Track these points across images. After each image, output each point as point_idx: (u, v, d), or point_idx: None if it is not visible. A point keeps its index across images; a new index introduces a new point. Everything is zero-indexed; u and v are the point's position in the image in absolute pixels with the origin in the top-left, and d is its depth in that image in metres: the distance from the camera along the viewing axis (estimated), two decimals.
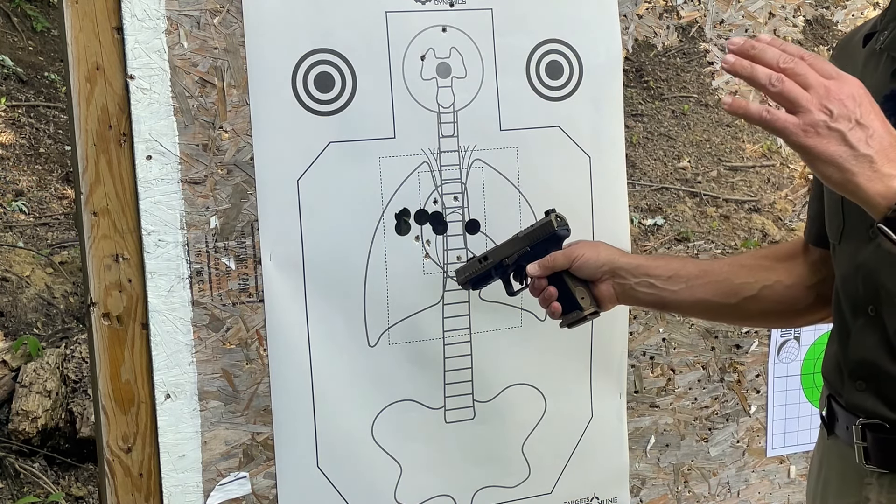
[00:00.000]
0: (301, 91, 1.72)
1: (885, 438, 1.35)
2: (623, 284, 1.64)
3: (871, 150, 1.11)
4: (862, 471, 1.39)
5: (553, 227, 1.67)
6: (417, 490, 1.88)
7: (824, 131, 1.12)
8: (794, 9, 2.16)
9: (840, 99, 1.12)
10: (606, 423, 2.01)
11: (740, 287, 1.60)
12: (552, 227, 1.67)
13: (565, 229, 1.68)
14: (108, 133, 1.62)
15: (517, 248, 1.70)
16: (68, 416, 3.44)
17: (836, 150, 1.12)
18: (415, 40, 1.79)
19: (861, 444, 1.38)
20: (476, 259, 1.75)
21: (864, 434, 1.38)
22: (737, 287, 1.60)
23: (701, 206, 4.74)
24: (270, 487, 1.79)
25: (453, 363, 1.87)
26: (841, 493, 1.46)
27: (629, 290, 1.64)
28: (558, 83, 1.91)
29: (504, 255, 1.72)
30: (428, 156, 1.82)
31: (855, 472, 1.40)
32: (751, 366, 2.18)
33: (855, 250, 1.38)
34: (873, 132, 1.12)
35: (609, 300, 1.67)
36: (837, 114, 1.11)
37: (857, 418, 1.39)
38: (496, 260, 1.72)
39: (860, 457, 1.38)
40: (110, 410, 1.68)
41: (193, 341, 1.70)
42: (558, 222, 1.67)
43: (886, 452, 1.35)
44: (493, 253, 1.73)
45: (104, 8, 1.60)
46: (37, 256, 4.20)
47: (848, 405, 1.42)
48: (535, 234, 1.69)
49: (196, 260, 1.69)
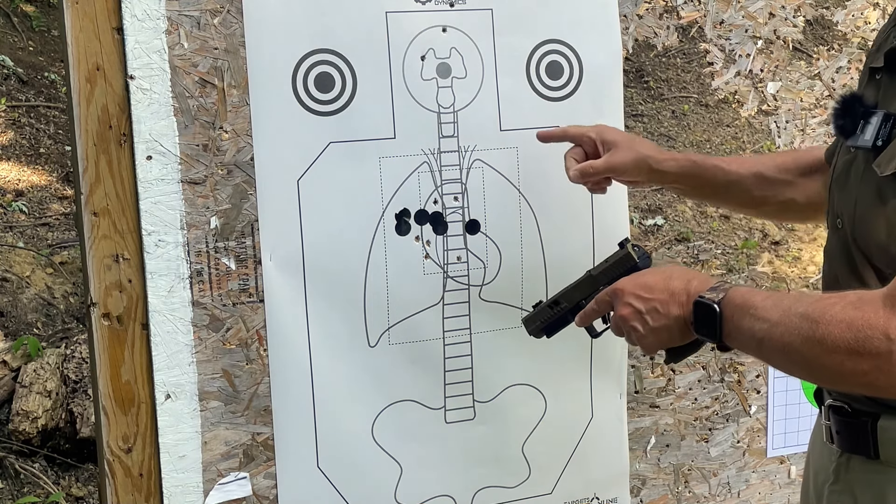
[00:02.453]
0: (301, 91, 1.72)
1: (845, 421, 1.41)
2: (648, 157, 1.73)
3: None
4: (831, 449, 1.46)
5: (633, 261, 1.56)
6: (418, 490, 1.88)
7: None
8: (794, 9, 2.16)
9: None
10: (607, 423, 2.01)
11: (760, 199, 1.75)
12: (632, 261, 1.56)
13: (647, 258, 1.57)
14: (109, 133, 1.62)
15: (594, 287, 1.59)
16: (68, 416, 3.44)
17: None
18: (415, 40, 1.79)
19: (827, 424, 1.45)
20: (545, 305, 1.68)
21: (830, 414, 1.44)
22: (757, 199, 1.76)
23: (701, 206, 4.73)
24: (270, 488, 1.79)
25: (453, 363, 1.87)
26: (817, 470, 1.53)
27: (654, 162, 1.73)
28: (558, 83, 1.91)
29: (580, 297, 1.62)
30: (428, 156, 1.82)
31: (827, 449, 1.48)
32: (751, 366, 2.18)
33: (828, 236, 1.47)
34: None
35: (637, 166, 1.72)
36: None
37: (829, 398, 1.46)
38: (571, 303, 1.64)
39: (826, 436, 1.46)
40: (110, 410, 1.68)
41: (193, 341, 1.70)
42: (637, 252, 1.57)
43: (844, 435, 1.42)
44: (565, 296, 1.65)
45: (104, 8, 1.60)
46: (37, 256, 4.20)
47: None
48: (613, 270, 1.58)
49: (196, 260, 1.69)
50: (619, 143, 1.72)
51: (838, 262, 1.41)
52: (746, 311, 1.28)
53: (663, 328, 1.40)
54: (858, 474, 1.41)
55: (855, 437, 1.40)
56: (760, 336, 1.26)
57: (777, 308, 1.25)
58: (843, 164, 1.42)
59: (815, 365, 1.22)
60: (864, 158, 1.34)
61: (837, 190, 1.43)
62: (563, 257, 1.92)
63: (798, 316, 1.21)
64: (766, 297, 1.28)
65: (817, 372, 1.24)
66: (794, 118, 2.25)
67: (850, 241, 1.37)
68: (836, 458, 1.45)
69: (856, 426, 1.40)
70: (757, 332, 1.26)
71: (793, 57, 2.21)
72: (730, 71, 2.15)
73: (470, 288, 1.87)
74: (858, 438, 1.39)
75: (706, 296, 1.33)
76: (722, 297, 1.31)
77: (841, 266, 1.41)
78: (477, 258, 1.87)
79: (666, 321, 1.39)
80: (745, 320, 1.28)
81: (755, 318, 1.27)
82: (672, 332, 1.39)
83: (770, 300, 1.27)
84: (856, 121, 1.35)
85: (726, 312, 1.30)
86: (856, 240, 1.36)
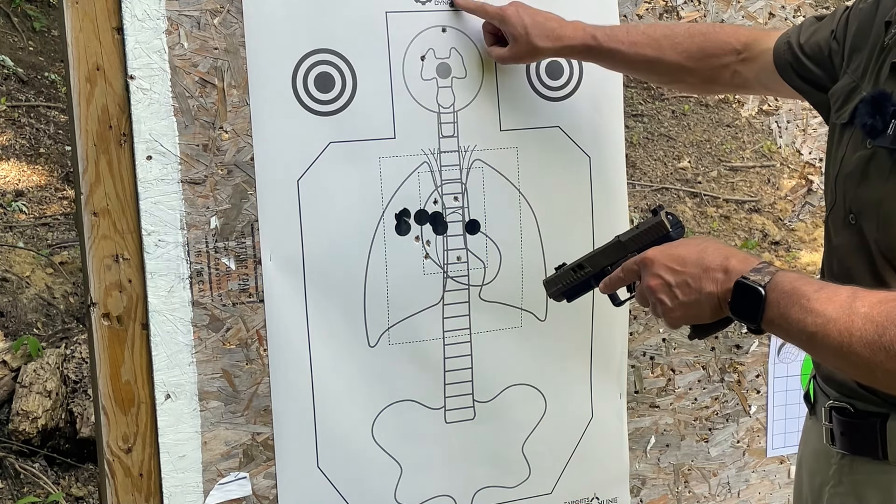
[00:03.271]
0: (301, 91, 1.72)
1: (848, 422, 1.41)
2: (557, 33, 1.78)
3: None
4: (830, 451, 1.45)
5: (666, 229, 1.47)
6: (418, 490, 1.88)
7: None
8: (795, 9, 2.16)
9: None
10: (606, 423, 2.01)
11: (658, 75, 1.85)
12: (664, 229, 1.47)
13: (680, 229, 1.48)
14: (109, 133, 1.62)
15: (622, 253, 1.52)
16: (68, 416, 3.44)
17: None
18: (415, 40, 1.79)
19: (828, 426, 1.44)
20: (569, 268, 1.62)
21: (832, 416, 1.43)
22: (655, 73, 1.84)
23: (701, 206, 4.73)
24: (270, 488, 1.79)
25: (453, 363, 1.87)
26: (813, 471, 1.52)
27: (561, 35, 1.77)
28: (558, 83, 1.91)
29: (606, 263, 1.55)
30: (428, 156, 1.82)
31: (825, 451, 1.46)
32: (751, 366, 2.18)
33: (835, 231, 1.44)
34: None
35: (547, 36, 1.77)
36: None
37: (828, 399, 1.44)
38: (596, 268, 1.57)
39: (827, 438, 1.45)
40: (110, 410, 1.68)
41: (193, 341, 1.70)
42: (671, 220, 1.47)
43: (848, 436, 1.41)
44: (590, 261, 1.59)
45: (104, 8, 1.60)
46: (37, 257, 4.20)
47: (823, 378, 1.49)
48: (643, 237, 1.49)
49: (196, 260, 1.69)
50: (518, 37, 1.76)
51: (853, 259, 1.39)
52: (796, 300, 1.22)
53: (693, 303, 1.34)
54: (864, 476, 1.40)
55: (860, 438, 1.39)
56: (813, 330, 1.20)
57: (832, 302, 1.20)
58: (857, 160, 1.38)
59: (877, 369, 1.16)
60: (889, 157, 1.31)
61: (853, 186, 1.39)
62: (562, 257, 1.91)
63: (861, 317, 1.16)
64: (818, 288, 1.23)
65: (879, 376, 1.18)
66: (795, 118, 2.25)
67: (872, 239, 1.34)
68: (836, 460, 1.44)
69: (862, 427, 1.39)
70: (809, 325, 1.21)
71: None
72: None
73: (470, 288, 1.87)
74: (864, 439, 1.38)
75: (750, 277, 1.27)
76: (768, 281, 1.26)
77: (857, 263, 1.38)
78: (477, 258, 1.87)
79: (697, 296, 1.33)
80: (794, 310, 1.22)
81: (806, 311, 1.21)
82: (702, 308, 1.34)
83: (823, 292, 1.21)
84: (886, 120, 1.32)
85: (771, 297, 1.25)
86: (879, 238, 1.33)
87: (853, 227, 1.39)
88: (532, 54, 1.79)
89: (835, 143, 1.47)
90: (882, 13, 1.44)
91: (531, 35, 1.75)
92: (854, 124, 1.40)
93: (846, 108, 1.44)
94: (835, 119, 1.49)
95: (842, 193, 1.42)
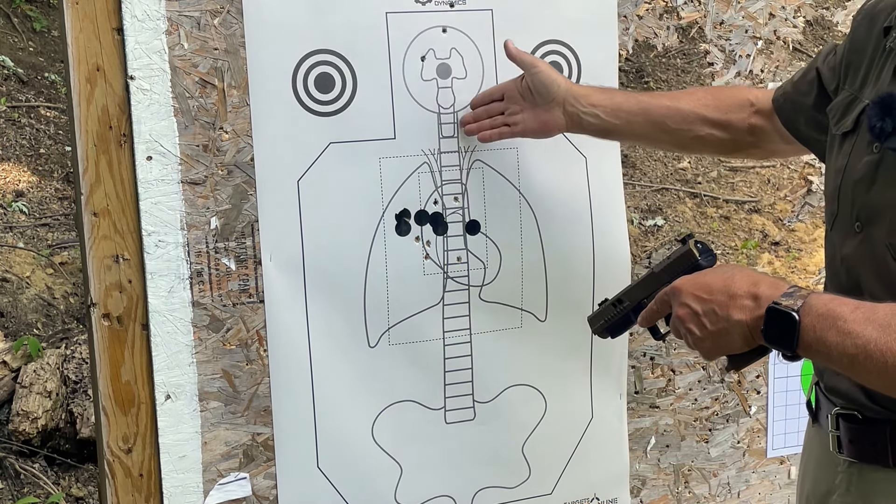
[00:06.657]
0: (301, 92, 1.72)
1: (856, 428, 1.39)
2: (572, 112, 1.74)
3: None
4: (836, 459, 1.43)
5: (695, 258, 1.48)
6: (418, 491, 1.88)
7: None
8: (795, 9, 2.16)
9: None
10: (606, 423, 2.01)
11: (675, 132, 1.75)
12: (693, 258, 1.48)
13: (710, 257, 1.49)
14: (109, 134, 1.62)
15: (656, 285, 1.51)
16: (68, 416, 3.44)
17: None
18: (415, 41, 1.79)
19: (835, 433, 1.42)
20: (609, 303, 1.63)
21: (838, 423, 1.42)
22: (672, 130, 1.75)
23: (701, 206, 4.73)
24: (270, 488, 1.79)
25: (453, 364, 1.87)
26: (817, 479, 1.50)
27: (577, 118, 1.74)
28: None
29: (643, 295, 1.56)
30: (428, 156, 1.82)
31: (830, 459, 1.45)
32: (750, 366, 2.18)
33: (841, 241, 1.41)
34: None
35: (558, 126, 1.75)
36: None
37: (834, 407, 1.42)
38: (634, 301, 1.58)
39: (833, 445, 1.43)
40: (110, 411, 1.68)
41: (194, 342, 1.70)
42: (700, 249, 1.48)
43: (856, 443, 1.39)
44: (628, 294, 1.60)
45: (104, 9, 1.60)
46: (37, 257, 4.20)
47: (827, 388, 1.46)
48: (674, 267, 1.50)
49: (196, 260, 1.69)
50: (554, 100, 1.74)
51: (863, 267, 1.36)
52: (832, 322, 1.19)
53: (721, 332, 1.31)
54: (873, 484, 1.38)
55: (870, 446, 1.37)
56: (853, 353, 1.17)
57: (871, 323, 1.17)
58: (864, 165, 1.35)
59: None
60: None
61: (862, 192, 1.36)
62: (563, 257, 1.92)
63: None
64: (854, 308, 1.20)
65: None
66: None
67: (884, 244, 1.31)
68: (843, 468, 1.42)
69: (870, 434, 1.37)
70: (848, 348, 1.18)
71: (793, 57, 2.21)
72: (730, 71, 2.15)
73: (470, 288, 1.87)
74: (874, 447, 1.36)
75: (782, 303, 1.23)
76: (801, 305, 1.22)
77: (867, 271, 1.35)
78: (477, 258, 1.87)
79: (725, 325, 1.30)
80: (831, 333, 1.19)
81: (844, 333, 1.18)
82: (731, 336, 1.30)
83: (860, 312, 1.19)
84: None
85: (806, 322, 1.21)
86: (893, 243, 1.30)
87: (860, 234, 1.36)
88: (551, 132, 1.78)
89: (834, 154, 1.45)
90: (879, 21, 1.43)
91: (550, 113, 1.75)
92: (858, 131, 1.38)
93: (847, 118, 1.42)
94: (834, 131, 1.46)
95: (848, 201, 1.39)
